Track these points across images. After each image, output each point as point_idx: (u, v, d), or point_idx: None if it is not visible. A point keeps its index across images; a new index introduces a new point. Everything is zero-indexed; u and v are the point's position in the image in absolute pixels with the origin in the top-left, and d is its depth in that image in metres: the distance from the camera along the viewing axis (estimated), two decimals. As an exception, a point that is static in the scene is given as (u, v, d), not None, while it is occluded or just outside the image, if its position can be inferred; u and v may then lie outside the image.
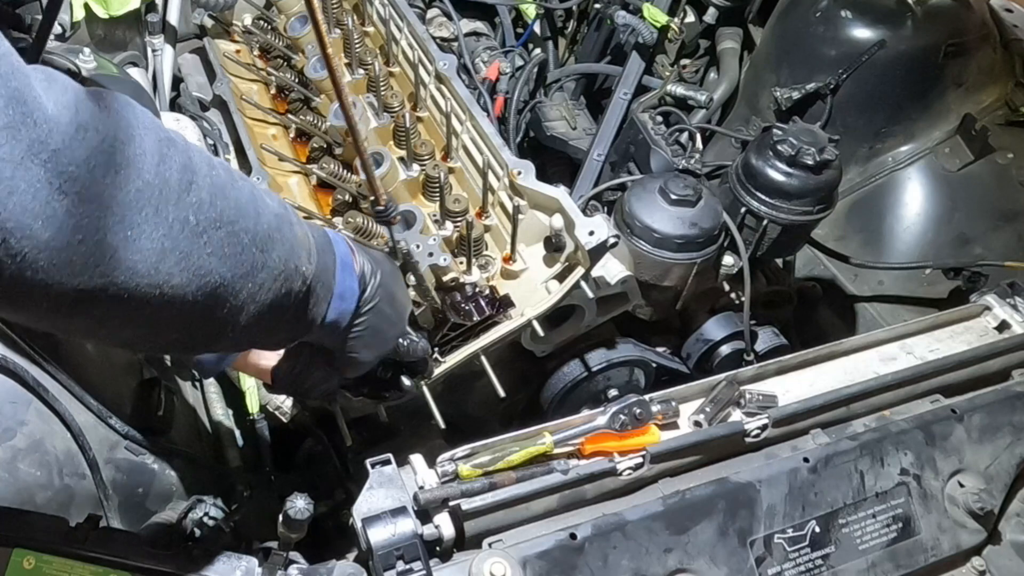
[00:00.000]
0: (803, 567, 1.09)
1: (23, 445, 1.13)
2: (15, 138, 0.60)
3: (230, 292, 0.80)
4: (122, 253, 0.69)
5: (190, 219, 0.74)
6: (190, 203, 0.74)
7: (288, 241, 0.87)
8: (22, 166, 0.61)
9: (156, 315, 0.75)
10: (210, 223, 0.76)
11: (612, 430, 1.12)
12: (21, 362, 1.14)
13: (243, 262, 0.80)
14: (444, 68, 1.64)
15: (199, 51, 2.04)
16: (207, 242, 0.76)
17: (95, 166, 0.66)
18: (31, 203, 0.62)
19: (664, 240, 1.47)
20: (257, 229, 0.82)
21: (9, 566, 0.89)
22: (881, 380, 1.27)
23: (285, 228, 0.86)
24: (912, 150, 2.06)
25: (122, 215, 0.69)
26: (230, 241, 0.78)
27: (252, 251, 0.81)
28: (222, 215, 0.77)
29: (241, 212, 0.80)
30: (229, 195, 0.79)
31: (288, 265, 0.86)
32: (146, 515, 1.27)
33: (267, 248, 0.83)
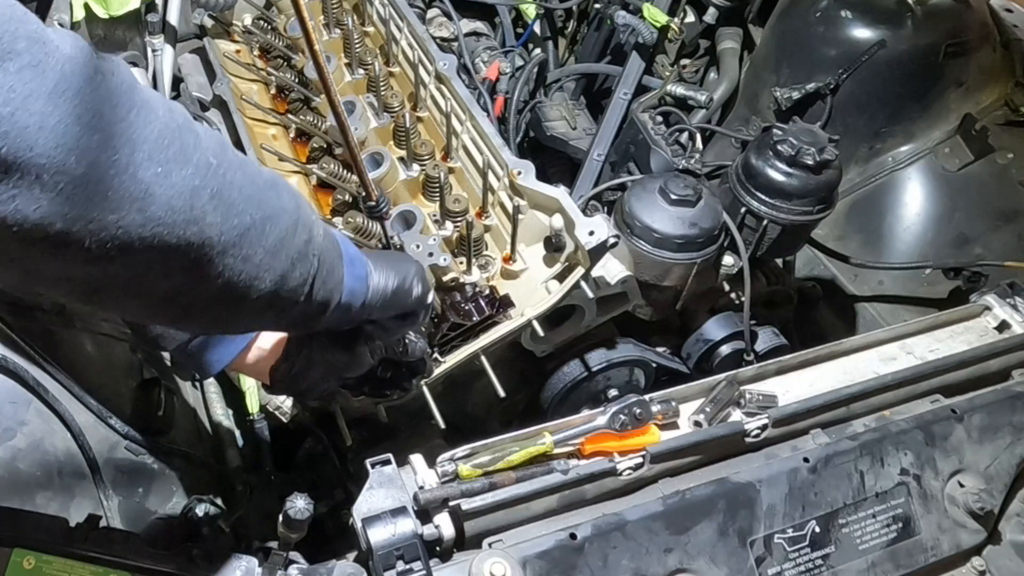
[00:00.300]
0: (803, 567, 1.09)
1: (23, 445, 1.13)
2: (43, 75, 0.62)
3: (260, 234, 0.81)
4: (155, 188, 0.70)
5: (211, 160, 0.76)
6: (206, 147, 0.76)
7: (289, 190, 0.88)
8: (51, 102, 0.62)
9: (197, 258, 0.76)
10: (228, 165, 0.78)
11: (612, 430, 1.12)
12: (21, 362, 1.14)
13: (265, 203, 0.82)
14: (444, 68, 1.64)
15: (199, 51, 2.04)
16: (231, 182, 0.78)
17: (117, 105, 0.68)
18: (63, 137, 0.63)
19: (664, 240, 1.47)
20: (263, 175, 0.84)
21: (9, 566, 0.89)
22: (881, 380, 1.27)
23: (281, 180, 0.88)
24: (912, 150, 2.06)
25: (149, 152, 0.70)
26: (248, 182, 0.80)
27: (269, 193, 0.83)
28: (232, 160, 0.79)
29: (243, 162, 0.82)
30: (228, 149, 0.81)
31: (301, 212, 0.88)
32: (146, 515, 1.27)
33: (279, 192, 0.85)
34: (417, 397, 1.36)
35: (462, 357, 1.37)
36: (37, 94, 0.61)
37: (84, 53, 0.66)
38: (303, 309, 0.93)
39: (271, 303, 0.88)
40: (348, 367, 1.10)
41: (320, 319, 0.97)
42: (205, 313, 0.88)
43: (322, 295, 0.93)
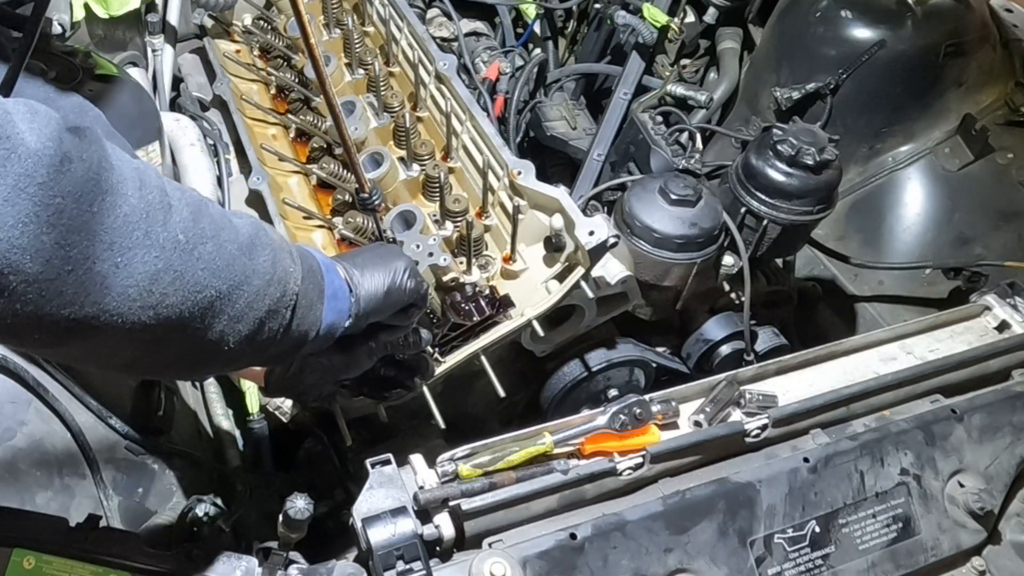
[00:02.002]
0: (803, 567, 1.09)
1: (23, 445, 1.13)
2: (1, 174, 0.61)
3: (227, 303, 0.81)
4: (112, 280, 0.70)
5: (179, 237, 0.75)
6: (176, 222, 0.75)
7: (269, 245, 0.88)
8: (9, 202, 0.61)
9: (153, 336, 0.75)
10: (198, 238, 0.77)
11: (612, 430, 1.12)
12: (21, 362, 1.14)
13: (235, 271, 0.81)
14: (444, 68, 1.64)
15: (199, 51, 2.04)
16: (198, 257, 0.77)
17: (81, 196, 0.66)
18: (19, 238, 0.62)
19: (664, 240, 1.47)
20: (240, 239, 0.83)
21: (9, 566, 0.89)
22: (881, 380, 1.27)
23: (262, 235, 0.88)
24: (912, 150, 2.06)
25: (111, 241, 0.69)
26: (219, 253, 0.79)
27: (241, 260, 0.82)
28: (206, 230, 0.78)
29: (220, 226, 0.81)
30: (205, 213, 0.80)
31: (277, 268, 0.87)
32: (146, 515, 1.27)
33: (253, 254, 0.84)
34: (417, 397, 1.36)
35: (462, 357, 1.37)
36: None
37: (52, 143, 0.65)
38: (277, 350, 0.93)
39: (240, 354, 0.88)
40: (345, 369, 1.10)
41: (298, 352, 0.98)
42: (169, 372, 0.89)
43: (296, 336, 0.93)
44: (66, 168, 0.65)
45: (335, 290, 0.98)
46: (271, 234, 0.90)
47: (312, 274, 0.95)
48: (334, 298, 0.98)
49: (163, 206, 0.74)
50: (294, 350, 0.96)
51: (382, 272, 1.03)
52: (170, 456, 1.32)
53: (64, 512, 1.09)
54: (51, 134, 0.65)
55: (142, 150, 1.49)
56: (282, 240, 0.92)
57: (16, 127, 0.63)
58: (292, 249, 0.93)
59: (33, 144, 0.63)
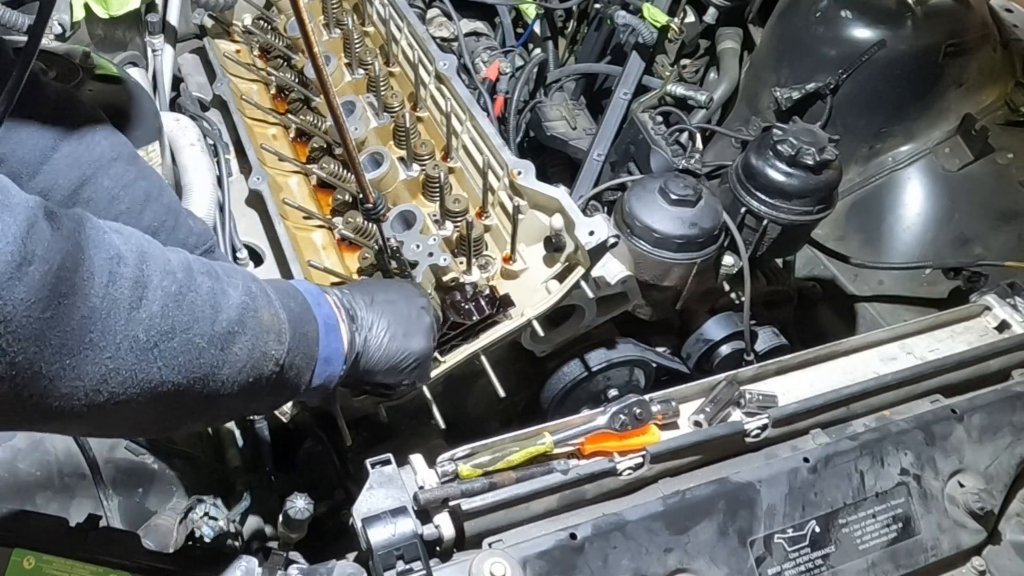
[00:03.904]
0: (803, 567, 1.09)
1: (23, 445, 1.13)
2: None
3: (187, 394, 0.79)
4: (58, 383, 0.67)
5: (139, 336, 0.72)
6: (140, 319, 0.72)
7: (252, 331, 0.84)
8: None
9: (107, 422, 0.74)
10: (162, 336, 0.74)
11: (612, 430, 1.12)
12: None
13: (200, 366, 0.79)
14: (444, 68, 1.64)
15: (199, 51, 2.04)
16: (158, 355, 0.74)
17: (34, 302, 0.64)
18: None
19: (664, 240, 1.47)
20: (215, 330, 0.80)
21: (9, 566, 0.89)
22: (881, 380, 1.27)
23: (249, 319, 0.84)
24: (912, 150, 2.06)
25: (61, 345, 0.67)
26: (184, 348, 0.77)
27: (210, 352, 0.80)
28: (175, 325, 0.75)
29: (197, 316, 0.78)
30: (185, 301, 0.77)
31: (254, 354, 0.85)
32: (146, 515, 1.27)
33: (227, 345, 0.81)
34: (417, 397, 1.36)
35: (462, 357, 1.37)
36: None
37: (13, 244, 0.62)
38: (255, 409, 0.92)
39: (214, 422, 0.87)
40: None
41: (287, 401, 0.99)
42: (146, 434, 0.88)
43: (273, 402, 0.94)
44: (23, 273, 0.62)
45: (330, 354, 0.97)
46: (261, 314, 0.86)
47: (304, 342, 0.92)
48: (327, 363, 0.97)
49: (131, 301, 0.71)
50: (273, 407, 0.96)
51: (397, 350, 1.03)
52: (170, 456, 1.32)
53: (64, 512, 1.10)
54: (15, 235, 0.62)
55: (142, 150, 1.48)
56: (273, 320, 0.88)
57: None
58: (285, 325, 0.89)
59: None
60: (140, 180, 1.14)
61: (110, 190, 1.10)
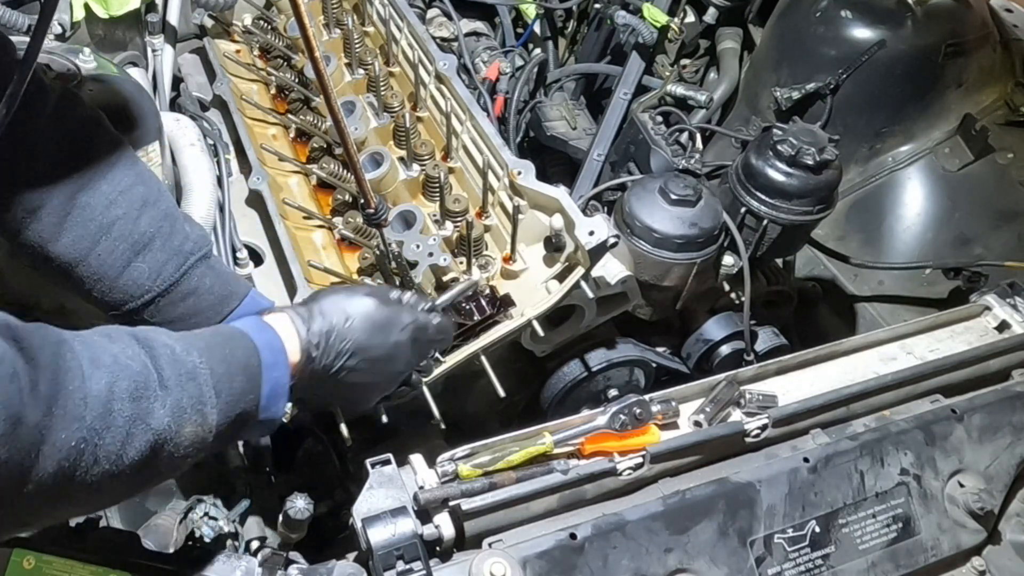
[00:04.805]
0: (803, 567, 1.09)
1: (23, 445, 1.13)
2: None
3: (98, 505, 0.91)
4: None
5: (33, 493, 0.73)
6: (34, 478, 0.72)
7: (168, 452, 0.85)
8: None
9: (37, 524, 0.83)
10: (62, 481, 0.75)
11: (612, 430, 1.12)
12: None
13: (108, 492, 0.82)
14: (444, 68, 1.64)
15: (199, 51, 2.04)
16: (59, 497, 0.77)
17: None
18: None
19: (664, 240, 1.47)
20: (121, 464, 0.80)
21: (9, 566, 0.89)
22: (881, 380, 1.27)
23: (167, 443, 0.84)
24: (912, 150, 2.06)
25: None
26: (87, 487, 0.78)
27: (117, 481, 0.81)
28: (75, 470, 0.75)
29: (99, 457, 0.77)
30: (87, 448, 0.76)
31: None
32: (146, 515, 1.27)
33: (137, 471, 0.82)
34: (417, 397, 1.36)
35: (462, 357, 1.37)
36: None
37: None
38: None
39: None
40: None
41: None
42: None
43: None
44: None
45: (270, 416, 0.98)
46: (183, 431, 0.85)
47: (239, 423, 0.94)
48: (263, 424, 0.99)
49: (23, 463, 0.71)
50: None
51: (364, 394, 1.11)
52: (170, 456, 1.32)
53: (64, 512, 1.09)
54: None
55: (142, 150, 1.48)
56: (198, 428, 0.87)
57: None
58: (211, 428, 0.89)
59: None
60: (138, 185, 1.14)
61: (107, 195, 1.10)
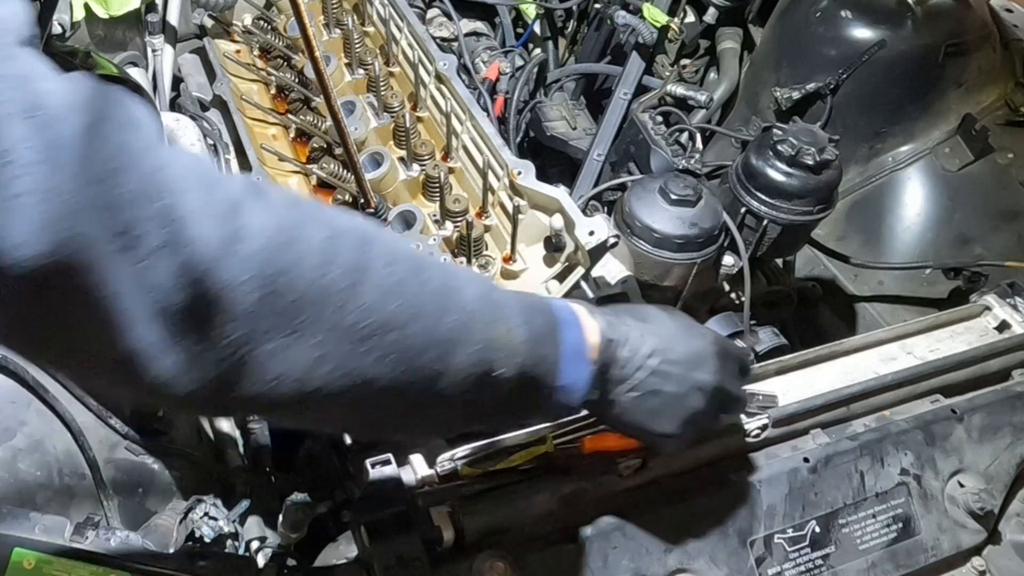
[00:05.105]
0: (803, 567, 1.09)
1: (23, 445, 1.13)
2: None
3: (400, 397, 0.73)
4: (263, 370, 0.63)
5: (353, 324, 0.67)
6: (353, 309, 0.66)
7: (479, 342, 0.76)
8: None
9: (314, 414, 0.71)
10: (379, 327, 0.68)
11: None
12: (21, 362, 1.14)
13: (416, 369, 0.72)
14: (444, 68, 1.64)
15: (199, 51, 2.04)
16: (372, 347, 0.68)
17: (244, 282, 0.60)
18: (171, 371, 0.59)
19: (664, 240, 1.47)
20: (437, 331, 0.73)
21: (9, 566, 0.89)
22: (881, 380, 1.27)
23: (478, 329, 0.76)
24: (912, 150, 2.06)
25: (267, 329, 0.62)
26: (401, 346, 0.70)
27: (429, 355, 0.73)
28: (393, 318, 0.69)
29: (416, 314, 0.71)
30: (406, 293, 0.70)
31: (478, 368, 0.77)
32: (146, 515, 1.27)
33: (450, 351, 0.74)
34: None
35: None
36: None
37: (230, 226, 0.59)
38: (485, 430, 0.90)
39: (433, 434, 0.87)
40: None
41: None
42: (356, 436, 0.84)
43: (510, 422, 0.88)
44: (233, 251, 0.60)
45: (570, 383, 0.86)
46: (491, 330, 0.77)
47: (539, 367, 0.82)
48: (564, 391, 0.86)
49: (345, 288, 0.66)
50: (499, 428, 0.94)
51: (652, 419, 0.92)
52: (170, 456, 1.32)
53: (64, 512, 1.10)
54: (222, 212, 0.60)
55: (142, 150, 1.48)
56: (505, 336, 0.79)
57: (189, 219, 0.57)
58: (519, 344, 0.80)
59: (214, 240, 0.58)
60: None
61: None
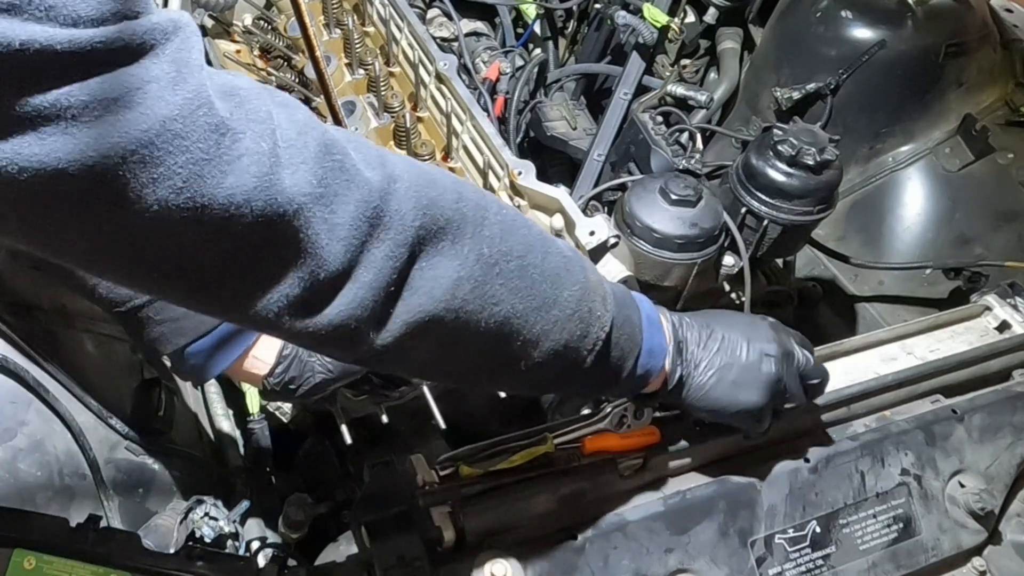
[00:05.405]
0: (804, 567, 1.09)
1: (23, 445, 1.13)
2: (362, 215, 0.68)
3: (523, 324, 0.82)
4: (418, 282, 0.74)
5: (484, 251, 0.78)
6: (483, 237, 0.78)
7: (579, 282, 0.87)
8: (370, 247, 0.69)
9: (452, 336, 0.79)
10: (501, 256, 0.80)
11: (613, 430, 1.12)
12: (21, 362, 1.14)
13: (534, 295, 0.83)
14: (444, 68, 1.64)
15: (199, 51, 2.04)
16: (499, 272, 0.79)
17: (406, 211, 0.71)
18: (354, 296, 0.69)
19: (664, 240, 1.47)
20: (545, 265, 0.84)
21: (9, 566, 0.89)
22: (881, 380, 1.27)
23: (576, 270, 0.88)
24: (912, 150, 2.06)
25: (421, 248, 0.74)
26: (520, 274, 0.81)
27: (543, 286, 0.83)
28: (512, 250, 0.81)
29: (529, 248, 0.83)
30: (517, 232, 0.82)
31: (582, 306, 0.87)
32: (146, 515, 1.27)
33: (558, 285, 0.85)
34: (417, 397, 1.35)
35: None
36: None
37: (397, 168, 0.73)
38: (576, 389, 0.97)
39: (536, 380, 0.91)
40: (344, 375, 1.11)
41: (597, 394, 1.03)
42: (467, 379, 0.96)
43: (593, 379, 0.93)
44: (402, 190, 0.72)
45: (653, 346, 0.96)
46: (588, 274, 0.90)
47: (628, 324, 0.93)
48: (650, 354, 0.95)
49: (475, 220, 0.78)
50: (595, 392, 1.00)
51: (721, 397, 1.00)
52: (170, 456, 1.32)
53: (64, 512, 1.09)
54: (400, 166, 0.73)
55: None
56: (598, 284, 0.91)
57: (353, 161, 0.69)
58: (609, 295, 0.92)
59: (375, 181, 0.70)
60: None
61: None
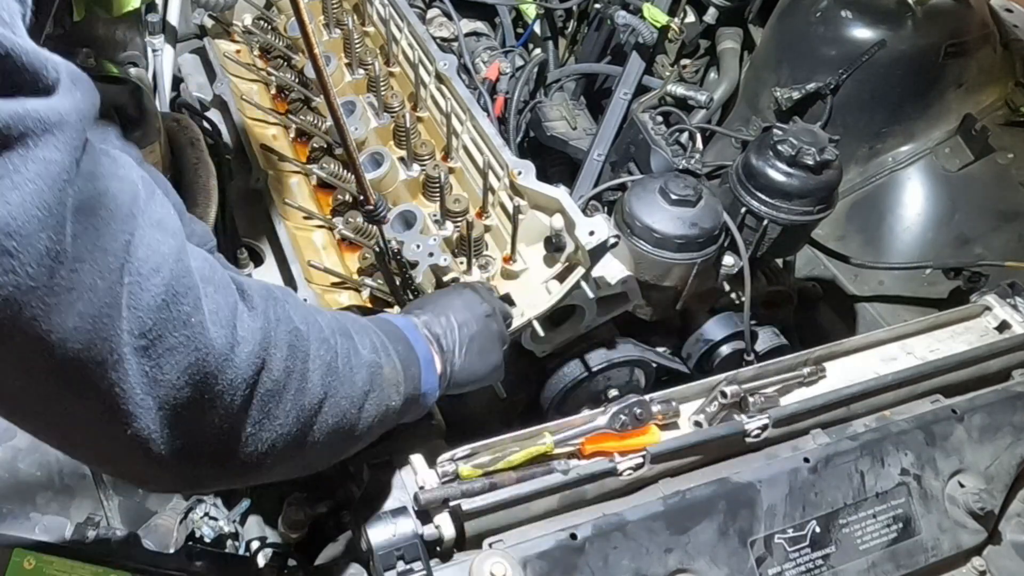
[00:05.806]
0: (804, 567, 1.09)
1: (23, 445, 1.13)
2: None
3: (328, 449, 0.88)
4: (241, 448, 0.75)
5: (304, 404, 0.80)
6: (306, 389, 0.80)
7: (379, 387, 0.92)
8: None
9: (265, 475, 0.83)
10: (320, 401, 0.82)
11: (612, 430, 1.12)
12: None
13: (341, 426, 0.86)
14: (444, 68, 1.64)
15: (199, 51, 2.04)
16: (315, 419, 0.82)
17: (239, 382, 0.71)
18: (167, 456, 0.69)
19: (664, 240, 1.47)
20: (354, 391, 0.87)
21: (9, 566, 0.89)
22: (881, 380, 1.27)
23: (376, 377, 0.91)
24: (912, 150, 2.06)
25: (249, 415, 0.74)
26: (333, 412, 0.84)
27: (351, 413, 0.87)
28: (328, 390, 0.83)
29: (341, 379, 0.85)
30: (335, 367, 0.84)
31: (380, 407, 0.92)
32: (146, 515, 1.27)
33: (363, 404, 0.89)
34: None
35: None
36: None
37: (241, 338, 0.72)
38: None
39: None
40: None
41: None
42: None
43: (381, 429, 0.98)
44: (234, 355, 0.70)
45: (428, 389, 1.03)
46: (384, 370, 0.93)
47: (412, 384, 0.99)
48: (426, 396, 1.04)
49: (301, 373, 0.78)
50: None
51: (479, 369, 1.12)
52: (170, 456, 1.32)
53: (64, 512, 1.09)
54: (227, 319, 0.70)
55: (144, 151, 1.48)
56: (393, 370, 0.95)
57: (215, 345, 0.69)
58: (400, 375, 0.96)
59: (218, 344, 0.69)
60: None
61: None
